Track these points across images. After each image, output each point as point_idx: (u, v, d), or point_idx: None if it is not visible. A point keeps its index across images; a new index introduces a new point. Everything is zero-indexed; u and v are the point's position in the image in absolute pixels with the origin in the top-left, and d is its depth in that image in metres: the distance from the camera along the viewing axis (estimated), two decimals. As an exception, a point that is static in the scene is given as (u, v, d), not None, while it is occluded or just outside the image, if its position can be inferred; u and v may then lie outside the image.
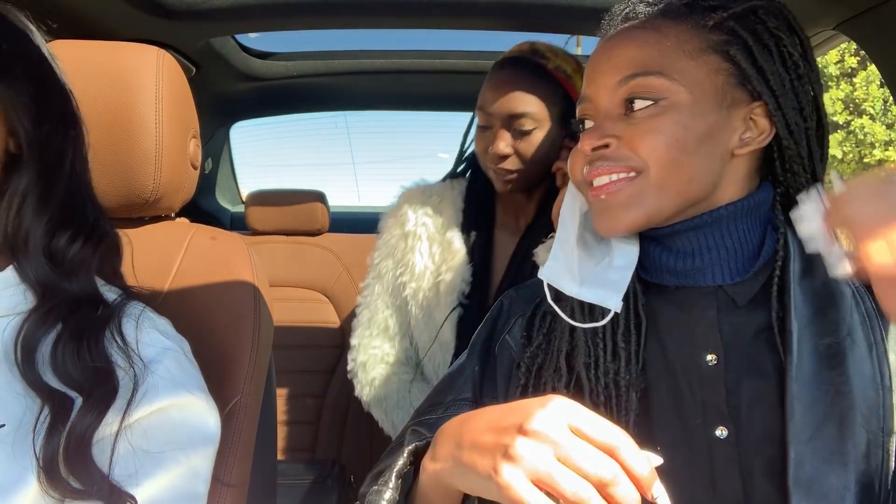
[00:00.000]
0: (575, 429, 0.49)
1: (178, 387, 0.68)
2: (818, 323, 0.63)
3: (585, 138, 0.67)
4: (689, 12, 0.66)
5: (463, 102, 2.41)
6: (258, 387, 0.87)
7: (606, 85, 0.67)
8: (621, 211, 0.66)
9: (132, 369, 0.66)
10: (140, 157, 0.86)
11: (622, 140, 0.66)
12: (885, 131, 11.87)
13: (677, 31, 0.65)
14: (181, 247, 0.91)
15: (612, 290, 0.68)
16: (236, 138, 2.62)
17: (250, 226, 2.08)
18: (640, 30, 0.67)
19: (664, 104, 0.64)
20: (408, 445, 0.65)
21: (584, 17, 1.49)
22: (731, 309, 0.67)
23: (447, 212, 1.35)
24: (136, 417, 0.65)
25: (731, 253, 0.68)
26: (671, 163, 0.64)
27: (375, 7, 1.48)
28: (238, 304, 0.87)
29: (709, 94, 0.65)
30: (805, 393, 0.60)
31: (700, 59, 0.65)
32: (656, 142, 0.64)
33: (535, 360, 0.72)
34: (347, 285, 2.02)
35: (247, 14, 1.47)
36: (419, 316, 1.38)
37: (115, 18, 1.36)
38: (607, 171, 0.66)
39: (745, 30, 0.66)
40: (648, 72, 0.64)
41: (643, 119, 0.65)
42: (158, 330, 0.72)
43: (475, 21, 1.56)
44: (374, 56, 1.99)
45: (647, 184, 0.65)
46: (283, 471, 1.61)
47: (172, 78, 0.89)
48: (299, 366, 1.94)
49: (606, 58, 0.68)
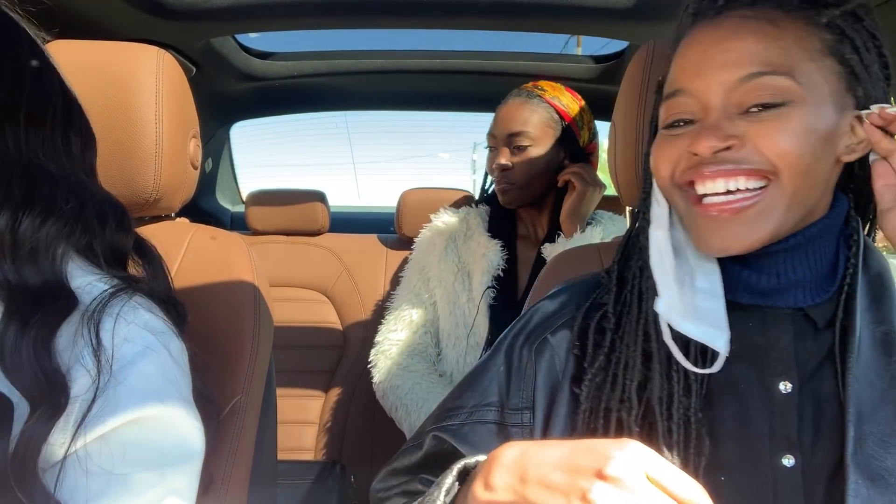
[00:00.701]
0: (653, 479, 0.48)
1: (151, 397, 0.60)
2: (874, 311, 0.62)
3: (703, 139, 0.59)
4: (802, 6, 0.60)
5: (463, 102, 2.42)
6: (258, 387, 0.87)
7: (723, 81, 0.60)
8: (745, 228, 0.60)
9: (97, 376, 0.57)
10: (140, 157, 0.86)
11: (748, 139, 0.59)
12: (886, 131, 11.87)
13: (795, 27, 0.60)
14: (181, 247, 0.91)
15: (715, 326, 0.61)
16: (236, 138, 2.62)
17: (250, 226, 2.08)
18: (756, 21, 0.60)
19: (789, 107, 0.58)
20: (445, 476, 0.60)
21: (584, 17, 1.50)
22: (808, 333, 0.63)
23: (473, 222, 1.58)
24: (99, 433, 0.56)
25: (815, 272, 0.63)
26: (803, 169, 0.58)
27: (375, 7, 1.48)
28: (238, 304, 0.87)
29: (826, 99, 0.60)
30: (862, 376, 0.59)
31: (819, 61, 0.60)
32: (790, 144, 0.57)
33: (594, 382, 0.66)
34: (348, 285, 2.02)
35: (247, 14, 1.47)
36: (443, 304, 1.53)
37: (115, 18, 1.36)
38: (729, 174, 0.59)
39: (853, 30, 0.61)
40: (776, 71, 0.58)
41: (772, 119, 0.58)
42: (142, 325, 0.63)
43: (475, 21, 1.56)
44: (374, 56, 1.99)
45: (780, 193, 0.59)
46: (284, 471, 1.60)
47: (173, 78, 0.89)
48: (299, 366, 1.94)
49: (720, 50, 0.60)
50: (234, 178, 2.72)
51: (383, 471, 0.74)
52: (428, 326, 1.58)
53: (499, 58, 1.98)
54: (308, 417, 1.93)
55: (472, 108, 2.46)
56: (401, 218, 1.99)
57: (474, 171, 23.41)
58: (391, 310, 1.64)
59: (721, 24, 0.62)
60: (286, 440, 1.91)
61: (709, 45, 0.62)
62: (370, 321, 1.96)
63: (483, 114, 1.71)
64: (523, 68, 1.98)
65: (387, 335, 1.60)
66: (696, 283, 0.64)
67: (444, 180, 73.19)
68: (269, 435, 0.96)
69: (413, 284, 1.60)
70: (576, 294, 0.73)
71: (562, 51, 2.22)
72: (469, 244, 1.54)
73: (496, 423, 0.69)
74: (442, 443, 0.69)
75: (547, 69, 1.98)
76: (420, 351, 1.57)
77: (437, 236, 1.59)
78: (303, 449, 1.90)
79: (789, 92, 0.58)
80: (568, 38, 1.58)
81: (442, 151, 27.87)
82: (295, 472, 1.66)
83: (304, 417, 1.93)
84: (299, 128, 58.29)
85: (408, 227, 1.99)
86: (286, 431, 1.91)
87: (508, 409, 0.69)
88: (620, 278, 0.70)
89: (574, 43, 3.86)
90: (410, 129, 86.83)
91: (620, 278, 0.70)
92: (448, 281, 1.53)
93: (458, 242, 1.55)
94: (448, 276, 1.53)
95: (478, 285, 1.47)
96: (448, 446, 0.69)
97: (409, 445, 0.73)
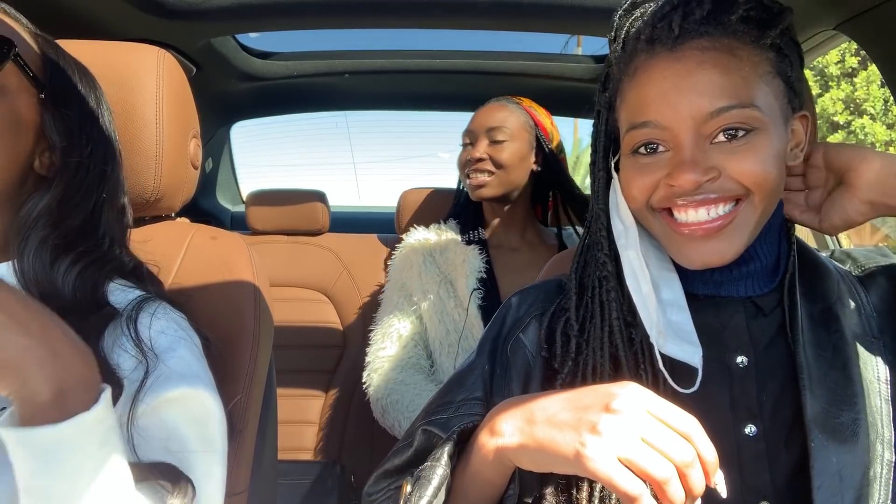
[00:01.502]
0: (653, 414, 0.53)
1: (193, 378, 0.69)
2: (812, 293, 0.70)
3: (685, 173, 0.62)
4: (745, 29, 0.64)
5: (463, 102, 2.41)
6: (259, 386, 0.87)
7: (693, 114, 0.62)
8: (724, 243, 0.64)
9: (145, 359, 0.67)
10: (141, 156, 0.86)
11: (723, 170, 0.63)
12: (886, 131, 11.87)
13: (748, 54, 0.63)
14: (182, 247, 0.91)
15: (688, 342, 0.65)
16: (237, 138, 2.63)
17: (251, 226, 2.08)
18: (717, 52, 0.63)
19: (757, 133, 0.63)
20: (446, 440, 0.64)
21: (584, 18, 1.49)
22: (758, 315, 0.70)
23: (446, 234, 1.63)
24: (150, 406, 0.64)
25: (763, 265, 0.70)
26: (774, 189, 0.65)
27: (375, 7, 1.48)
28: (238, 304, 0.87)
29: (779, 118, 0.65)
30: (810, 348, 0.66)
31: (771, 83, 0.65)
32: (761, 170, 0.63)
33: (566, 385, 0.69)
34: (348, 285, 2.02)
35: (247, 14, 1.47)
36: (430, 315, 1.54)
37: (115, 18, 1.36)
38: (705, 204, 0.64)
39: (789, 46, 0.66)
40: (742, 104, 0.62)
41: (742, 148, 0.63)
42: (173, 321, 0.73)
43: (475, 21, 1.56)
44: (374, 56, 1.99)
45: (752, 210, 0.64)
46: (284, 470, 1.61)
47: (173, 78, 0.89)
48: (300, 365, 1.94)
49: (688, 84, 0.63)
50: (234, 178, 2.72)
51: (374, 474, 0.75)
52: (417, 339, 1.59)
53: (499, 58, 1.98)
54: (308, 417, 1.93)
55: (472, 108, 2.45)
56: (401, 218, 1.99)
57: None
58: (377, 329, 1.64)
59: (682, 55, 0.64)
60: (286, 440, 1.91)
61: (675, 78, 0.63)
62: (370, 321, 1.96)
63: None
64: (523, 68, 1.98)
65: (376, 354, 1.60)
66: (661, 295, 0.68)
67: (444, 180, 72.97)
68: (270, 435, 0.96)
69: (395, 301, 1.62)
70: (541, 295, 0.78)
71: (562, 51, 2.23)
72: (447, 255, 1.58)
73: (481, 415, 0.71)
74: (431, 438, 0.71)
75: (547, 69, 1.98)
76: (413, 363, 1.57)
77: (412, 253, 1.62)
78: (303, 449, 1.90)
79: (755, 120, 0.63)
80: (568, 38, 1.58)
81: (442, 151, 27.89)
82: (295, 472, 1.66)
83: (304, 417, 1.93)
84: (299, 128, 58.26)
85: (408, 227, 1.99)
86: (286, 431, 1.91)
87: (493, 404, 0.70)
88: (580, 285, 0.74)
89: (574, 43, 3.86)
90: (410, 129, 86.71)
91: (580, 285, 0.74)
92: (432, 291, 1.55)
93: (436, 255, 1.59)
94: (432, 286, 1.55)
95: (463, 289, 1.50)
96: (437, 441, 0.70)
97: (400, 446, 0.74)
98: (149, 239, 0.90)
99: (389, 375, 1.55)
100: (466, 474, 0.63)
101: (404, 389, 1.51)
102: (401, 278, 1.63)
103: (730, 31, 0.64)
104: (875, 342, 0.68)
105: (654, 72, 0.65)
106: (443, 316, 1.52)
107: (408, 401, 1.48)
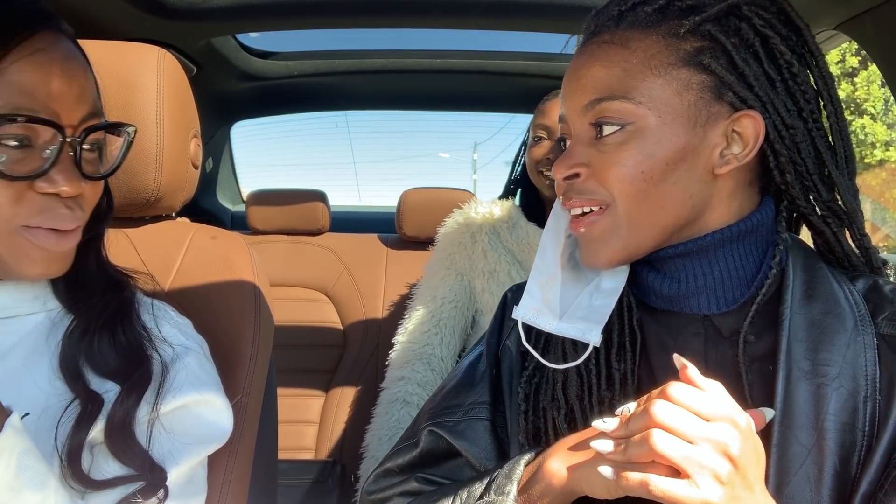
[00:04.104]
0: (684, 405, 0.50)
1: (201, 384, 0.71)
2: (811, 360, 0.58)
3: (557, 166, 0.64)
4: (660, 19, 0.61)
5: (463, 102, 2.42)
6: (259, 386, 0.87)
7: (574, 108, 0.63)
8: (598, 246, 0.64)
9: (159, 356, 0.69)
10: (141, 156, 0.86)
11: (592, 169, 0.62)
12: (887, 131, 11.87)
13: (646, 45, 0.60)
14: (182, 246, 0.91)
15: (593, 321, 0.64)
16: (237, 138, 2.63)
17: (251, 225, 2.09)
18: (608, 45, 0.62)
19: (630, 129, 0.60)
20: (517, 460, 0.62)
21: (584, 18, 1.49)
22: (719, 339, 0.63)
23: (515, 212, 1.49)
24: (166, 409, 0.67)
25: (720, 281, 0.63)
26: (638, 195, 0.60)
27: (376, 7, 1.48)
28: (239, 304, 0.87)
29: (678, 115, 0.60)
30: (787, 435, 0.56)
31: (668, 75, 0.60)
32: (621, 175, 0.60)
33: (531, 383, 0.69)
34: (348, 285, 2.02)
35: (247, 14, 1.47)
36: (494, 296, 1.43)
37: (116, 18, 1.36)
38: (578, 204, 0.64)
39: (723, 33, 0.60)
40: (613, 96, 0.60)
41: (611, 147, 0.61)
42: (179, 329, 0.73)
43: (475, 21, 1.56)
44: (374, 56, 1.99)
45: (617, 217, 0.62)
46: (284, 470, 1.61)
47: (173, 77, 0.89)
48: (300, 365, 1.94)
49: (575, 78, 0.64)
50: (234, 178, 2.72)
51: (374, 472, 0.74)
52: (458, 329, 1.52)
53: (499, 58, 1.98)
54: (308, 417, 1.93)
55: (472, 108, 2.46)
56: (401, 218, 1.99)
57: (475, 171, 23.41)
58: (416, 309, 1.54)
59: (582, 51, 0.65)
60: (286, 440, 1.91)
61: (570, 74, 0.65)
62: (371, 321, 1.96)
63: (483, 113, 1.71)
64: (523, 68, 1.98)
65: (428, 341, 1.50)
66: (602, 284, 0.67)
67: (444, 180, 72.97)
68: (270, 434, 0.96)
69: (444, 278, 1.51)
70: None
71: (562, 51, 2.22)
72: (516, 234, 1.47)
73: (489, 420, 0.70)
74: (438, 440, 0.70)
75: (547, 69, 1.98)
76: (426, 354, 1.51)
77: (474, 228, 1.50)
78: (303, 448, 1.90)
79: (628, 114, 0.60)
80: (568, 38, 1.58)
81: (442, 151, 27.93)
82: (295, 472, 1.66)
83: (304, 417, 1.93)
84: (299, 128, 58.37)
85: (408, 226, 1.99)
86: (286, 431, 1.91)
87: (498, 409, 0.71)
88: None
89: (574, 43, 3.86)
90: (410, 129, 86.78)
91: None
92: (502, 272, 1.44)
93: (502, 234, 1.48)
94: (501, 266, 1.45)
95: None
96: (443, 444, 0.70)
97: (403, 445, 0.73)
98: (149, 239, 0.90)
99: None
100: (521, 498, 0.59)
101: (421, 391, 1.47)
102: (454, 255, 1.51)
103: (639, 23, 0.61)
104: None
105: (567, 70, 0.66)
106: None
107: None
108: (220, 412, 0.72)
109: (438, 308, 1.51)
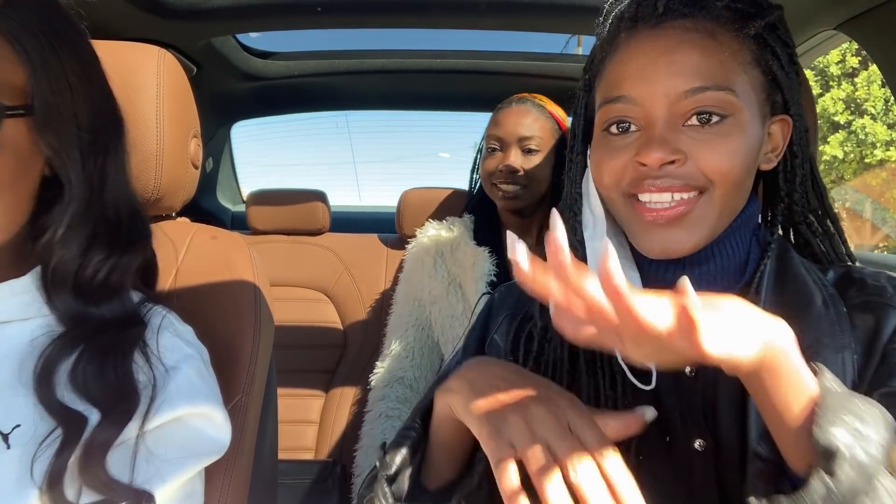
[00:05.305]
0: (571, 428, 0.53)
1: (198, 396, 0.68)
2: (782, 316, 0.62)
3: (652, 151, 0.60)
4: (732, 18, 0.63)
5: (463, 102, 2.42)
6: (259, 386, 0.87)
7: (668, 92, 0.61)
8: (684, 233, 0.62)
9: (153, 375, 0.65)
10: (141, 156, 0.86)
11: (690, 157, 0.61)
12: (887, 131, 11.87)
13: (730, 41, 0.62)
14: (182, 246, 0.91)
15: None
16: (237, 138, 2.63)
17: (251, 225, 2.09)
18: (698, 34, 0.62)
19: (732, 121, 0.61)
20: (421, 402, 0.66)
21: (584, 17, 1.49)
22: None
23: (459, 231, 1.55)
24: (156, 424, 0.64)
25: (720, 268, 0.66)
26: (735, 184, 0.62)
27: (375, 7, 1.49)
28: (239, 304, 0.87)
29: (757, 111, 0.63)
30: None
31: (748, 73, 0.62)
32: (728, 163, 0.60)
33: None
34: (348, 285, 2.02)
35: (247, 14, 1.47)
36: (440, 318, 1.52)
37: (116, 18, 1.36)
38: (669, 189, 0.61)
39: (775, 40, 0.64)
40: (719, 86, 0.60)
41: (711, 136, 0.61)
42: (180, 337, 0.71)
43: (475, 21, 1.57)
44: (374, 56, 1.99)
45: (712, 204, 0.62)
46: (284, 470, 1.60)
47: (173, 77, 0.89)
48: (300, 365, 1.94)
49: (666, 61, 0.61)
50: (234, 178, 2.72)
51: (368, 475, 0.74)
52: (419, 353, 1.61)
53: (499, 58, 1.98)
54: (308, 417, 1.93)
55: (472, 108, 2.46)
56: (401, 218, 1.99)
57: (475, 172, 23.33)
58: (392, 340, 1.64)
59: (663, 33, 0.63)
60: (286, 440, 1.91)
61: (653, 54, 0.62)
62: (371, 321, 1.96)
63: (483, 114, 1.72)
64: (523, 68, 1.98)
65: (401, 365, 1.60)
66: None
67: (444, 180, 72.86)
68: (270, 434, 0.96)
69: (407, 309, 1.61)
70: (514, 293, 0.77)
71: (562, 51, 2.22)
72: (456, 255, 1.53)
73: None
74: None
75: (547, 69, 1.98)
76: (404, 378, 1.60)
77: (424, 253, 1.58)
78: (303, 449, 1.90)
79: (730, 105, 0.61)
80: (568, 38, 1.58)
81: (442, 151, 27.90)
82: (295, 472, 1.66)
83: (304, 417, 1.93)
84: (299, 128, 58.34)
85: (408, 226, 1.99)
86: (286, 431, 1.91)
87: None
88: None
89: (574, 43, 3.86)
90: (410, 129, 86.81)
91: None
92: (441, 296, 1.52)
93: (446, 255, 1.54)
94: (441, 289, 1.52)
95: (472, 294, 1.46)
96: None
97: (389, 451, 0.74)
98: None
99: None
100: (430, 438, 0.64)
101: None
102: (411, 280, 1.60)
103: (713, 16, 0.62)
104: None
105: (635, 48, 0.64)
106: (452, 321, 1.49)
107: None
108: (218, 425, 0.70)
109: (405, 334, 1.62)
